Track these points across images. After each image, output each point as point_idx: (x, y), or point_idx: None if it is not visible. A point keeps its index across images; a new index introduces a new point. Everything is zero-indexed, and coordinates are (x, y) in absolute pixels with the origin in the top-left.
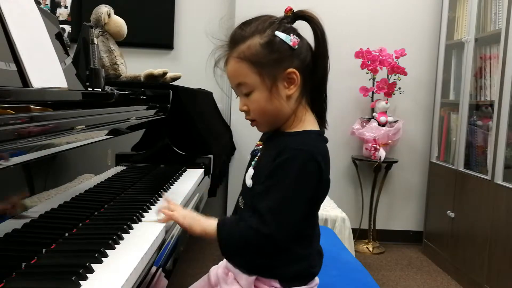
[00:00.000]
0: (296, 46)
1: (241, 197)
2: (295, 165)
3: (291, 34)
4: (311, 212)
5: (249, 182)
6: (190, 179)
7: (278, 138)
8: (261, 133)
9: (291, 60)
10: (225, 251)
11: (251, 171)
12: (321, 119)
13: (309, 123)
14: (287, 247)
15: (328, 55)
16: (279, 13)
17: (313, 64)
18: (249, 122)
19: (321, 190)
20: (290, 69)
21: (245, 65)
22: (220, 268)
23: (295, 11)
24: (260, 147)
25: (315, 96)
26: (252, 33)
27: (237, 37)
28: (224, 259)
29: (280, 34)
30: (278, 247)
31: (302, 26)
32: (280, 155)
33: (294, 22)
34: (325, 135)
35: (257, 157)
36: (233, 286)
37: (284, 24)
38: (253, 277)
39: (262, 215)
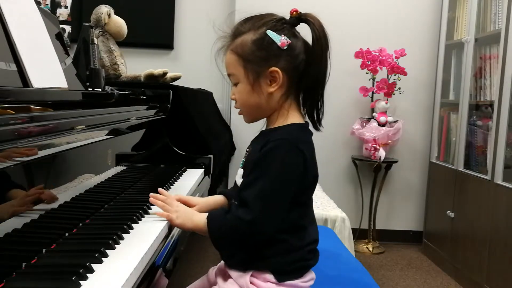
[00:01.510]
0: (285, 47)
1: (233, 199)
2: (279, 154)
3: (283, 35)
4: (301, 202)
5: (239, 182)
6: (190, 179)
7: (262, 135)
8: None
9: (277, 60)
10: (216, 244)
11: (240, 171)
12: (313, 121)
13: (292, 118)
14: (274, 235)
15: (326, 61)
16: (280, 13)
17: (306, 66)
18: (242, 116)
19: (307, 178)
20: (273, 68)
21: (235, 58)
22: (218, 269)
23: (301, 13)
24: (248, 150)
25: (308, 97)
26: (249, 29)
27: (236, 31)
28: (222, 261)
29: (271, 33)
30: (263, 233)
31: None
32: (264, 146)
33: (298, 24)
34: (325, 134)
35: (244, 158)
36: (230, 284)
37: (281, 24)
38: (249, 274)
39: (247, 203)
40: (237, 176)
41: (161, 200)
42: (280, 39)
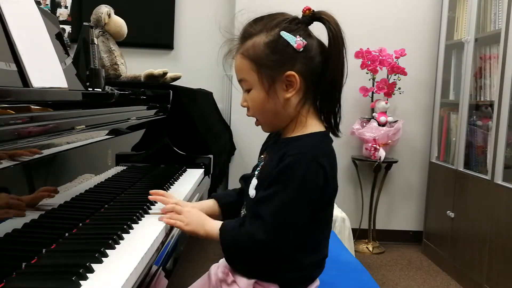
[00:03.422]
0: (301, 49)
1: (244, 209)
2: (298, 170)
3: (298, 36)
4: (319, 219)
5: (252, 193)
6: (190, 179)
7: (280, 145)
8: (263, 136)
9: (293, 63)
10: (228, 256)
11: (254, 181)
12: (331, 126)
13: (311, 126)
14: (288, 254)
15: (343, 61)
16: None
17: (323, 68)
18: (250, 122)
19: (327, 193)
20: (290, 72)
21: (247, 62)
22: (220, 268)
23: (314, 11)
24: (262, 156)
25: (325, 101)
26: (260, 30)
27: (246, 33)
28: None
29: (285, 35)
30: (277, 253)
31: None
32: (283, 160)
33: (311, 23)
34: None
35: (259, 167)
36: (232, 286)
37: (295, 24)
38: (253, 280)
39: (264, 221)
40: (250, 186)
41: (170, 209)
42: (296, 41)
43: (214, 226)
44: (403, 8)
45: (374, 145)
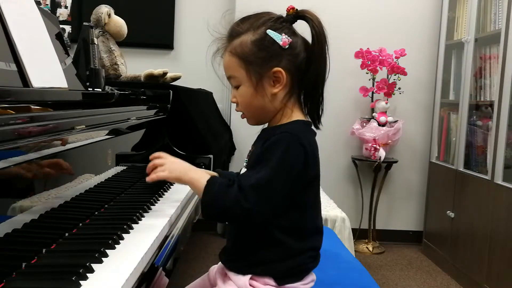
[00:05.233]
0: (287, 46)
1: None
2: (281, 146)
3: (283, 34)
4: (300, 201)
5: None
6: None
7: (265, 133)
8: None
9: (279, 60)
10: (205, 211)
11: (243, 170)
12: (314, 120)
13: (296, 117)
14: (273, 234)
15: (326, 57)
16: (279, 12)
17: (307, 64)
18: (246, 119)
19: (306, 175)
20: (276, 69)
21: (235, 60)
22: (218, 268)
23: (298, 10)
24: (250, 150)
25: (309, 95)
26: (247, 29)
27: (233, 32)
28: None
29: (271, 33)
30: (254, 223)
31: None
32: (268, 140)
33: (295, 21)
34: (325, 134)
35: (247, 157)
36: (229, 285)
37: (279, 22)
38: (248, 276)
39: (245, 190)
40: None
41: (152, 166)
42: (282, 38)
43: (200, 175)
44: (403, 8)
45: (374, 145)
